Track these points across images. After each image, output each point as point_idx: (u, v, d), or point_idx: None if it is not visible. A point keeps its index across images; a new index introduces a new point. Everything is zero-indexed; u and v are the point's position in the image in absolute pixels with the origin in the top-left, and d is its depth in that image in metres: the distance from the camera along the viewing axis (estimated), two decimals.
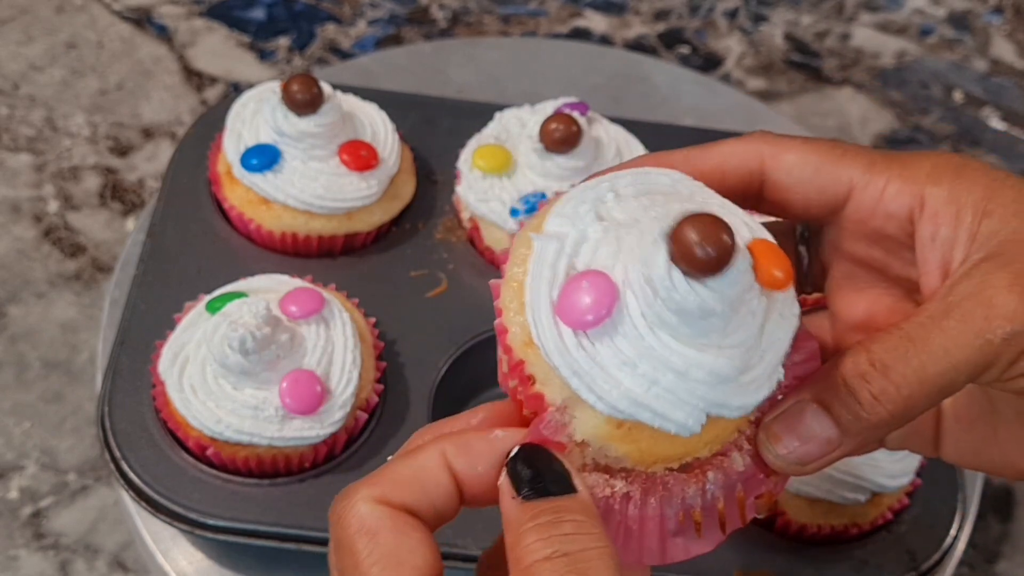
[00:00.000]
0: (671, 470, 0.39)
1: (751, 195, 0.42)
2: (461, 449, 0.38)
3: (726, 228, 0.34)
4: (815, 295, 0.46)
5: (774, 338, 0.37)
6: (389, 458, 0.40)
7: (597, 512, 0.36)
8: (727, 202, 0.40)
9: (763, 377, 0.36)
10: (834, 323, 0.45)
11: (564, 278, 0.36)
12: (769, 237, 0.38)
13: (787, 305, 0.38)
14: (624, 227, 0.37)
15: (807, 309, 0.43)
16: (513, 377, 0.38)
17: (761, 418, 0.40)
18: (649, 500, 0.39)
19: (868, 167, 0.41)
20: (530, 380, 0.37)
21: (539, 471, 0.36)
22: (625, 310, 0.35)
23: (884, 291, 0.44)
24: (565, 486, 0.36)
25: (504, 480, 0.36)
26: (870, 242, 0.42)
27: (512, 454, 0.37)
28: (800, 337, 0.40)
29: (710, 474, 0.39)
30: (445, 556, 0.66)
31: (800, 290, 0.45)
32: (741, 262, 0.35)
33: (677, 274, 0.35)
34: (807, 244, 0.46)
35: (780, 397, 0.39)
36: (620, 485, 0.38)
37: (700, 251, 0.34)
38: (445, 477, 0.37)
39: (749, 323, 0.36)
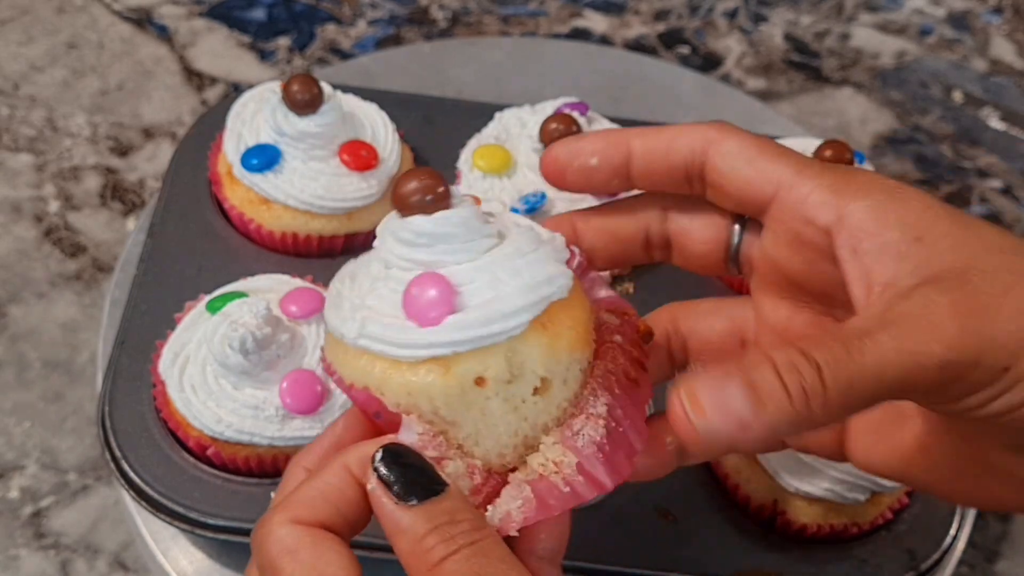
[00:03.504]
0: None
1: (694, 174, 0.44)
2: (364, 463, 0.40)
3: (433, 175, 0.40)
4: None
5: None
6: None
7: (471, 502, 0.39)
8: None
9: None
10: (756, 319, 0.46)
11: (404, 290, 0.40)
12: None
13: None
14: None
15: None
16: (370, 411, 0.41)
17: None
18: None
19: (799, 171, 0.41)
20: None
21: (405, 470, 0.39)
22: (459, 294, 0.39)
23: (805, 304, 0.44)
24: (434, 480, 0.39)
25: (376, 485, 0.39)
26: (793, 248, 0.42)
27: (375, 460, 0.39)
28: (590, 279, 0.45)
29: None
30: None
31: (725, 271, 0.46)
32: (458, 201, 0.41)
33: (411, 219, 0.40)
34: (743, 224, 0.46)
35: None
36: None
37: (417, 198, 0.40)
38: (352, 490, 0.40)
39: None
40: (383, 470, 0.38)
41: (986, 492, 0.43)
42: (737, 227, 0.45)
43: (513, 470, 0.41)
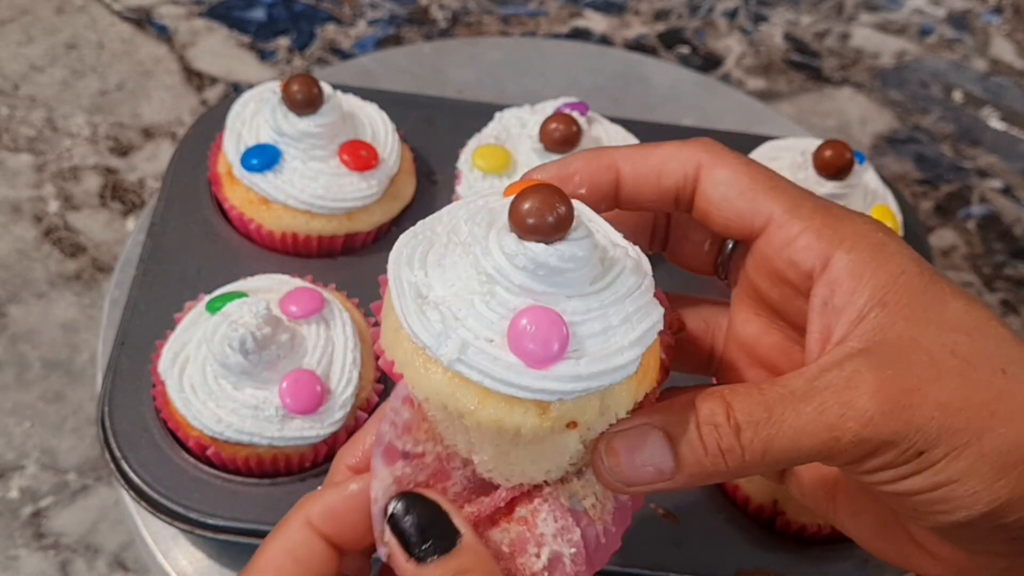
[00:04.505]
0: None
1: (684, 199, 0.43)
2: (326, 515, 0.40)
3: (559, 194, 0.37)
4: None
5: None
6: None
7: (486, 550, 0.39)
8: None
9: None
10: (728, 328, 0.46)
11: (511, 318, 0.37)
12: None
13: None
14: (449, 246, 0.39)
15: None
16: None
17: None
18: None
19: (792, 209, 0.41)
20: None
21: (422, 524, 0.38)
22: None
23: (777, 328, 0.45)
24: (450, 531, 0.38)
25: (391, 541, 0.38)
26: (772, 281, 0.43)
27: (390, 513, 0.39)
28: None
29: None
30: None
31: (713, 274, 0.47)
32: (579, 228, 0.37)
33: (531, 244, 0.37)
34: None
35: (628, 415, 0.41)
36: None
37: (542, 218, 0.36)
38: (318, 544, 0.40)
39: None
40: (396, 526, 0.38)
41: (907, 559, 0.44)
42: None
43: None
